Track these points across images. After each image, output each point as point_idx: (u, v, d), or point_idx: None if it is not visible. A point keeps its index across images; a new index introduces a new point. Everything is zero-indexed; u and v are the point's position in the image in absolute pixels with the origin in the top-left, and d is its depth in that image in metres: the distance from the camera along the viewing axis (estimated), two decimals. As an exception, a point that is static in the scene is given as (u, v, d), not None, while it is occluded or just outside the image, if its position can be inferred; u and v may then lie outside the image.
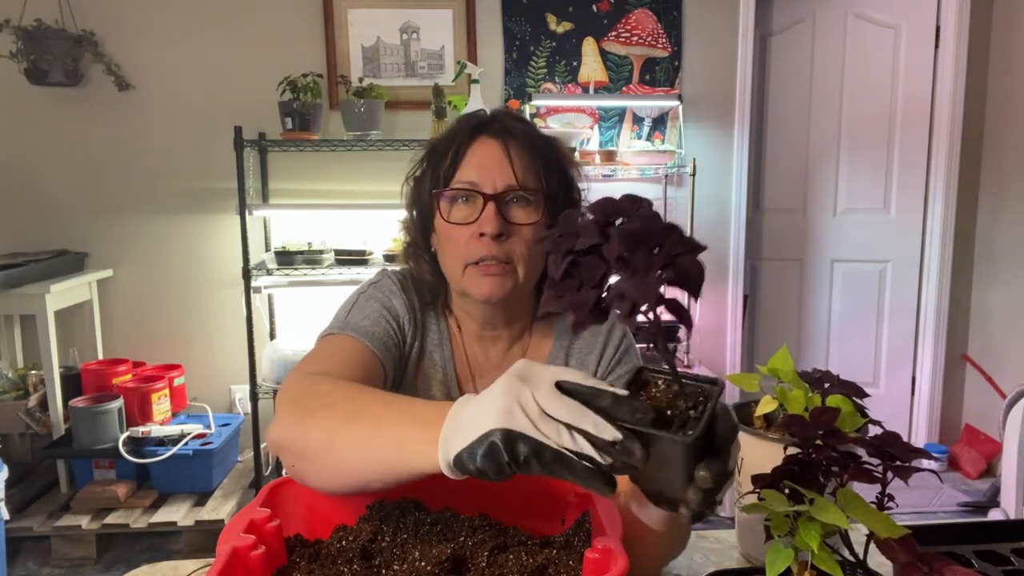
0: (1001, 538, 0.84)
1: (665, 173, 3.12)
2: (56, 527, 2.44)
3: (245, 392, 2.97)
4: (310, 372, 0.85)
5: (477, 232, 0.94)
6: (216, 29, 2.93)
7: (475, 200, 0.95)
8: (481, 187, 0.94)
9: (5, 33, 2.69)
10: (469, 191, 0.95)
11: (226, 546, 0.64)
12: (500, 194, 0.94)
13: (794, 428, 0.65)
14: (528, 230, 0.95)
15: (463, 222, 0.95)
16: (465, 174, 0.96)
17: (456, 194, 0.96)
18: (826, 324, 3.48)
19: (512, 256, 0.95)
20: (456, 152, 0.97)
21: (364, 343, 0.95)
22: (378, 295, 1.03)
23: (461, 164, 0.96)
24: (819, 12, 3.29)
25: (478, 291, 0.96)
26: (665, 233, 0.51)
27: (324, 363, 0.89)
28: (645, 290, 0.49)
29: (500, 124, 0.98)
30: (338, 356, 0.91)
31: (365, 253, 2.78)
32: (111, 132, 2.93)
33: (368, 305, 1.01)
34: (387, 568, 0.69)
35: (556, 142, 1.03)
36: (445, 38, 3.01)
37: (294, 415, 0.74)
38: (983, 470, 3.09)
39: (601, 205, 0.54)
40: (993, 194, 3.18)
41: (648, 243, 0.51)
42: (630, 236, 0.51)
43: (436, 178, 0.99)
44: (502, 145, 0.96)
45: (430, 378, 1.05)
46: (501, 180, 0.94)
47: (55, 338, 2.60)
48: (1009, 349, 3.09)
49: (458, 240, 0.96)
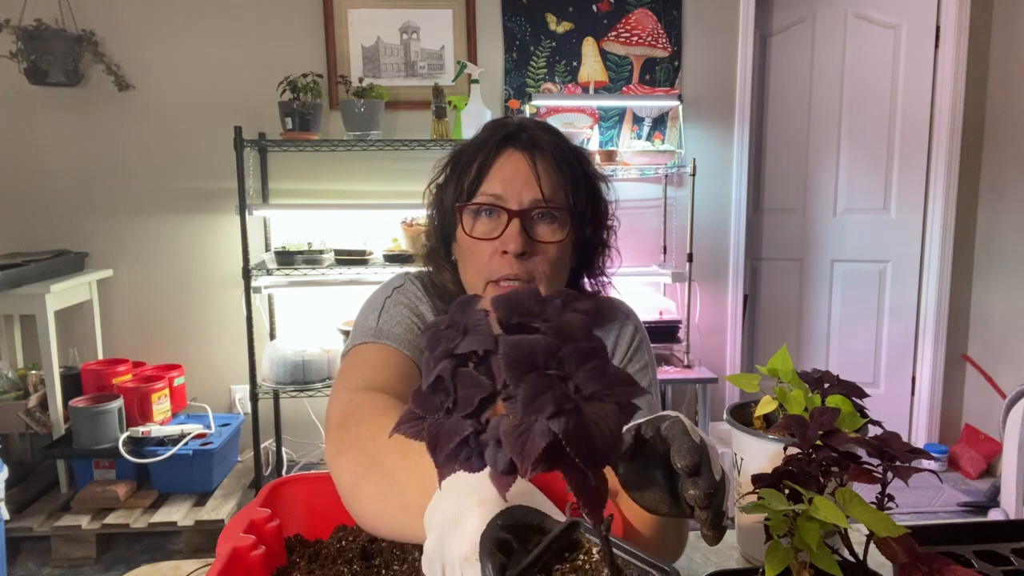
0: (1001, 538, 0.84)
1: (665, 173, 3.12)
2: (56, 527, 2.44)
3: (245, 392, 2.97)
4: (356, 386, 0.82)
5: (500, 249, 0.91)
6: (216, 29, 2.93)
7: (499, 215, 0.92)
8: (506, 202, 0.91)
9: (5, 33, 2.69)
10: (493, 206, 0.92)
11: (226, 546, 0.64)
12: (525, 210, 0.91)
13: (794, 428, 0.65)
14: (553, 248, 0.92)
15: (486, 237, 0.92)
16: (490, 188, 0.92)
17: (480, 208, 0.93)
18: (826, 324, 3.48)
19: (534, 275, 0.92)
20: (482, 164, 0.93)
21: (401, 351, 0.91)
22: (405, 300, 1.00)
23: (487, 177, 0.93)
24: (819, 12, 3.29)
25: None
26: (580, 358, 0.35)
27: (368, 375, 0.86)
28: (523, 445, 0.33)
29: (528, 135, 0.94)
30: (382, 368, 0.88)
31: (365, 253, 2.77)
32: (111, 132, 2.93)
33: (397, 311, 0.98)
34: (387, 568, 0.69)
35: (584, 154, 1.00)
36: (445, 38, 3.01)
37: (335, 444, 0.72)
38: (983, 470, 3.09)
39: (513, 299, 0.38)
40: (993, 194, 3.18)
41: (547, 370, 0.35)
42: (523, 354, 0.35)
43: (460, 189, 0.95)
44: (529, 159, 0.93)
45: None
46: (527, 196, 0.91)
47: (55, 338, 2.60)
48: (1009, 349, 3.09)
49: (480, 255, 0.93)
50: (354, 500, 0.67)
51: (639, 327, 1.06)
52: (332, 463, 0.71)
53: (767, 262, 3.49)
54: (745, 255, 3.26)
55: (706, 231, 3.17)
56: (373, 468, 0.66)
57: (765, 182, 3.45)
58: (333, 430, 0.74)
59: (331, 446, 0.73)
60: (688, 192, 3.07)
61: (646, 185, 3.18)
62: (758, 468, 0.71)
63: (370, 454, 0.67)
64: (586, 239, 0.98)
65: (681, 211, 3.16)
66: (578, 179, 0.96)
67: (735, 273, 3.23)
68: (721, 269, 3.24)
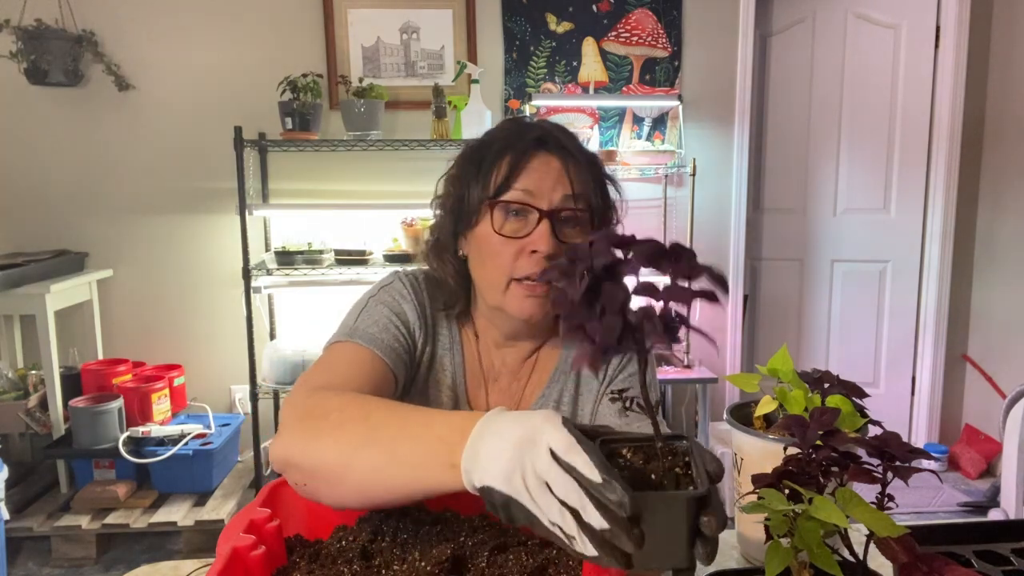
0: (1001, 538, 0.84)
1: (665, 173, 3.12)
2: (56, 527, 2.44)
3: (245, 392, 2.97)
4: (317, 386, 0.83)
5: (528, 248, 0.92)
6: (216, 29, 2.93)
7: (528, 214, 0.93)
8: (537, 202, 0.92)
9: (5, 33, 2.69)
10: (525, 203, 0.93)
11: (226, 546, 0.64)
12: (555, 210, 0.92)
13: (794, 428, 0.65)
14: None
15: (515, 235, 0.93)
16: (523, 186, 0.93)
17: (509, 206, 0.93)
18: (826, 324, 3.48)
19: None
20: (514, 163, 0.94)
21: (373, 351, 0.92)
22: (387, 299, 1.00)
23: (519, 175, 0.93)
24: (819, 12, 3.29)
25: (519, 310, 0.94)
26: (681, 251, 0.51)
27: (331, 375, 0.88)
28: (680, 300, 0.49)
29: (555, 139, 0.96)
30: (346, 367, 0.89)
31: (365, 253, 2.77)
32: (111, 132, 2.94)
33: (377, 310, 0.98)
34: (387, 568, 0.69)
35: (598, 159, 1.02)
36: (445, 38, 3.01)
37: (304, 434, 0.73)
38: (983, 470, 3.09)
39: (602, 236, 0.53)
40: (993, 194, 3.18)
41: (668, 258, 0.51)
42: (653, 250, 0.51)
43: (486, 185, 0.95)
44: (561, 161, 0.94)
45: (440, 383, 1.03)
46: (556, 197, 0.92)
47: (55, 338, 2.60)
48: (1009, 349, 3.09)
49: (504, 253, 0.93)
50: (345, 475, 0.69)
51: None
52: (303, 453, 0.72)
53: (767, 262, 3.49)
54: (745, 255, 3.26)
55: (706, 231, 3.17)
56: (369, 441, 0.68)
57: (765, 182, 3.45)
58: (295, 421, 0.75)
59: (299, 436, 0.73)
60: (688, 192, 3.07)
61: (646, 185, 3.18)
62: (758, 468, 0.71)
63: (362, 431, 0.69)
64: None
65: (681, 211, 3.16)
66: (601, 184, 0.99)
67: (735, 273, 3.23)
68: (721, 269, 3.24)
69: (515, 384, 1.05)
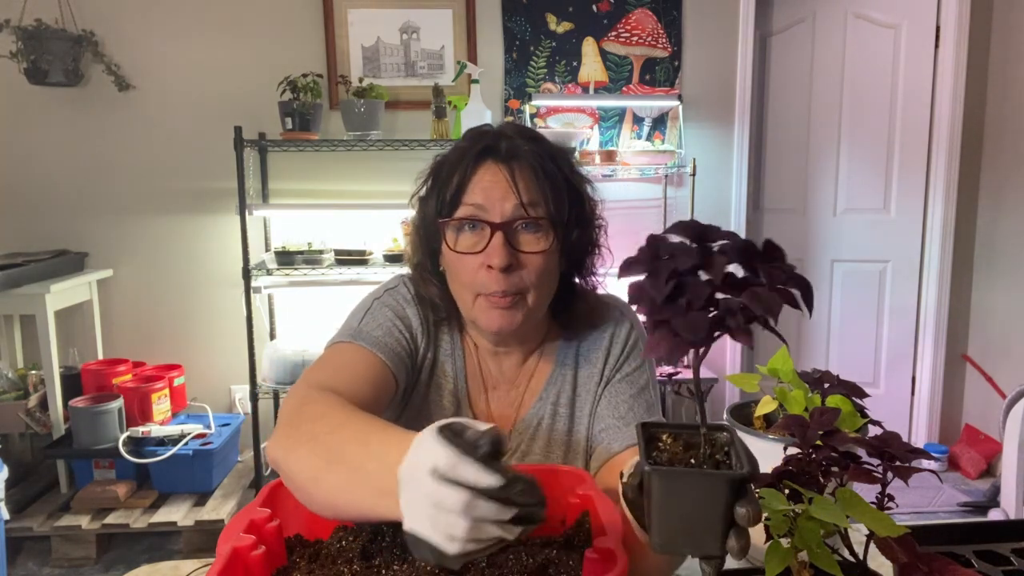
0: (1001, 538, 0.84)
1: (665, 173, 3.12)
2: (56, 527, 2.44)
3: (245, 392, 2.97)
4: (316, 383, 0.83)
5: (485, 263, 0.91)
6: (216, 29, 2.93)
7: (482, 229, 0.92)
8: (487, 216, 0.91)
9: (5, 33, 2.69)
10: (475, 219, 0.92)
11: (226, 546, 0.64)
12: (507, 222, 0.91)
13: (794, 428, 0.65)
14: (538, 258, 0.92)
15: (470, 251, 0.92)
16: (470, 200, 0.92)
17: (462, 222, 0.93)
18: (826, 324, 3.47)
19: (521, 286, 0.92)
20: (462, 178, 0.93)
21: (375, 354, 0.93)
22: (391, 302, 1.01)
23: (467, 190, 0.93)
24: (819, 12, 3.29)
25: (487, 323, 0.94)
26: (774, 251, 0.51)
27: (332, 375, 0.87)
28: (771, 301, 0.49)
29: (507, 145, 0.94)
30: (347, 368, 0.89)
31: (365, 253, 2.77)
32: (111, 132, 2.93)
33: (381, 313, 0.99)
34: (387, 568, 0.69)
35: (565, 156, 0.99)
36: (445, 38, 3.01)
37: (287, 440, 0.73)
38: (983, 470, 3.09)
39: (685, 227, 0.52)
40: (993, 194, 3.18)
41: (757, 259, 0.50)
42: (744, 249, 0.50)
43: (441, 203, 0.95)
44: (507, 170, 0.92)
45: (442, 389, 1.03)
46: (507, 208, 0.91)
47: (55, 338, 2.60)
48: (1009, 349, 3.09)
49: (466, 269, 0.93)
50: (314, 491, 0.68)
51: (636, 324, 1.06)
52: (285, 459, 0.72)
53: (767, 262, 3.49)
54: (745, 255, 3.25)
55: (706, 231, 3.16)
56: (334, 460, 0.67)
57: (765, 182, 3.45)
58: (284, 426, 0.76)
59: (283, 440, 0.74)
60: (688, 192, 3.07)
61: (646, 185, 3.18)
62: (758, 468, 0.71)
63: (329, 447, 0.69)
64: (573, 243, 0.98)
65: (681, 211, 3.16)
66: (559, 185, 0.95)
67: (735, 273, 3.23)
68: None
69: (513, 392, 1.05)
